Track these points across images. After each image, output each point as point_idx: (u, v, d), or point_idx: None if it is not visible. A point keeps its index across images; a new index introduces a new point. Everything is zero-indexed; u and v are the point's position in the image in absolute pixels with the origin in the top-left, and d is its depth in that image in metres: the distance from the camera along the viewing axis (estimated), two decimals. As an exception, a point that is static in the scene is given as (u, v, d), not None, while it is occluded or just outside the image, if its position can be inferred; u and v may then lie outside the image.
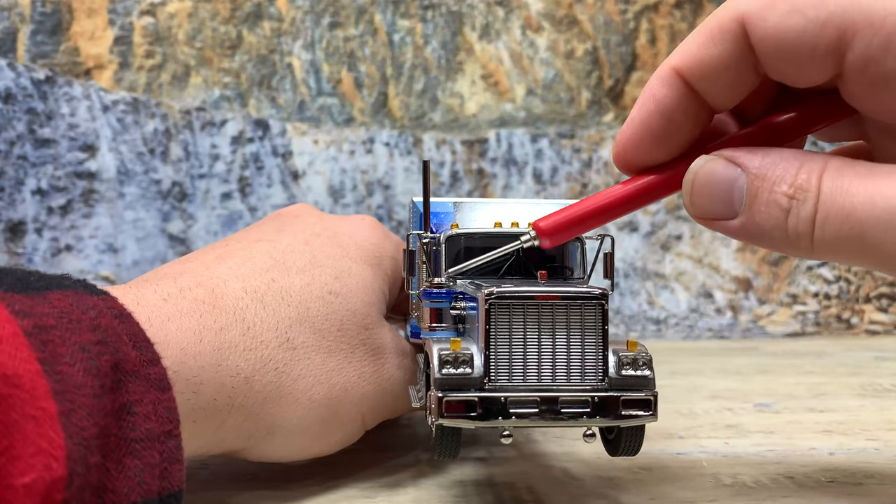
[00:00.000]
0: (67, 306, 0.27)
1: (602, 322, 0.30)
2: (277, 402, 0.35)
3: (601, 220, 0.32)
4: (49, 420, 0.24)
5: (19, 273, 0.28)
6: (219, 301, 0.34)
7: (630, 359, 0.31)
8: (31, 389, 0.24)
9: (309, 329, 0.36)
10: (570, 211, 0.32)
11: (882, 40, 0.27)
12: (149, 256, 0.78)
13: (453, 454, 0.32)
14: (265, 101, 0.79)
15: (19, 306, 0.26)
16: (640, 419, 0.30)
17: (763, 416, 0.50)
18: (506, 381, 0.30)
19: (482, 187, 0.80)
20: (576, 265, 0.36)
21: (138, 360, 0.28)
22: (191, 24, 0.78)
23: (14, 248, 0.76)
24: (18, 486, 0.23)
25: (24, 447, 0.23)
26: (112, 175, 0.77)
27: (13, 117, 0.76)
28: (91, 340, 0.26)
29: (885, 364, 0.67)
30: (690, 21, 0.81)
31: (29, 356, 0.24)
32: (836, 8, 0.28)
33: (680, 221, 0.82)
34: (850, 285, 0.82)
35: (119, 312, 0.29)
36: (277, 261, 0.38)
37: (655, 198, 0.32)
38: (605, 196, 0.32)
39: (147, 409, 0.27)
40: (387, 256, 0.41)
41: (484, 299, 0.30)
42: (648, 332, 0.81)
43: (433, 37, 0.80)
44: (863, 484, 0.38)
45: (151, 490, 0.27)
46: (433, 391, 0.30)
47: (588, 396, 0.30)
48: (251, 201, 0.79)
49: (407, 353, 0.40)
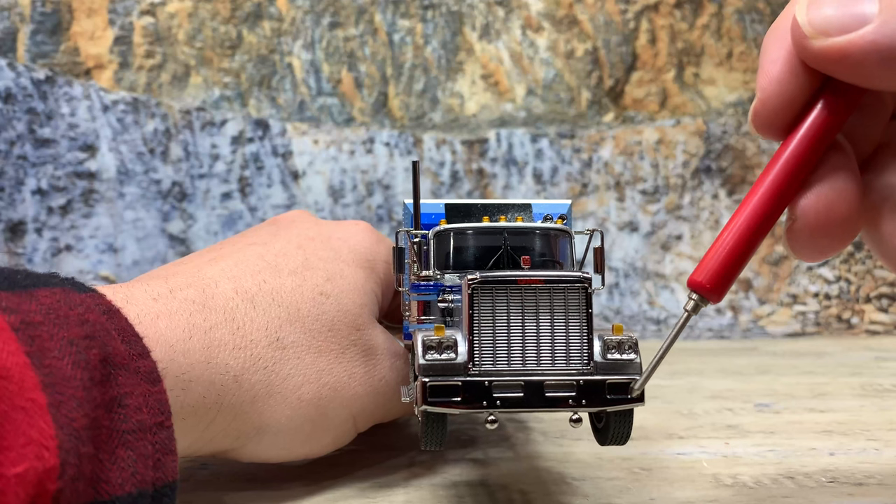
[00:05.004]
0: (55, 303, 0.27)
1: (586, 305, 0.30)
2: (266, 401, 0.35)
3: (754, 239, 0.29)
4: (39, 411, 0.24)
5: (6, 272, 0.28)
6: (209, 301, 0.34)
7: (615, 342, 0.30)
8: (20, 381, 0.24)
9: (299, 329, 0.36)
10: (717, 252, 0.29)
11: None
12: (149, 256, 0.78)
13: (440, 443, 0.31)
14: (265, 101, 0.79)
15: (6, 303, 0.26)
16: (627, 403, 0.30)
17: (763, 417, 0.50)
18: (490, 366, 0.30)
19: (482, 187, 0.80)
20: (566, 260, 0.36)
21: (127, 354, 0.28)
22: (191, 24, 0.78)
23: (14, 248, 0.76)
24: (10, 476, 0.23)
25: (15, 438, 0.23)
26: (112, 175, 0.77)
27: (13, 117, 0.76)
28: (79, 335, 0.27)
29: (886, 364, 0.67)
30: (690, 21, 0.81)
31: (17, 349, 0.24)
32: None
33: (680, 221, 0.82)
34: (851, 285, 0.82)
35: (107, 309, 0.29)
36: (269, 263, 0.38)
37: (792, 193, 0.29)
38: (746, 213, 0.29)
39: (138, 401, 0.28)
40: (380, 260, 0.41)
41: (467, 284, 0.30)
42: (648, 332, 0.81)
43: (433, 37, 0.80)
44: (863, 484, 0.38)
45: (145, 481, 0.27)
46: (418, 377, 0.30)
47: (573, 380, 0.30)
48: (251, 201, 0.79)
49: (400, 355, 0.40)
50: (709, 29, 0.82)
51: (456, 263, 0.35)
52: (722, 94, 0.82)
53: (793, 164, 0.29)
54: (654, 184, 0.81)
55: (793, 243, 0.29)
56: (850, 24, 0.26)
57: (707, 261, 0.29)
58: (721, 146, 0.81)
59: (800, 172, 0.29)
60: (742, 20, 0.82)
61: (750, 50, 0.82)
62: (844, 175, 0.29)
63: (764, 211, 0.29)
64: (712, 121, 0.82)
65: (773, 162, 0.29)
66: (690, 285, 0.29)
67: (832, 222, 0.29)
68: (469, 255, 0.35)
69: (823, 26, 0.27)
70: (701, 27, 0.82)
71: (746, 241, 0.29)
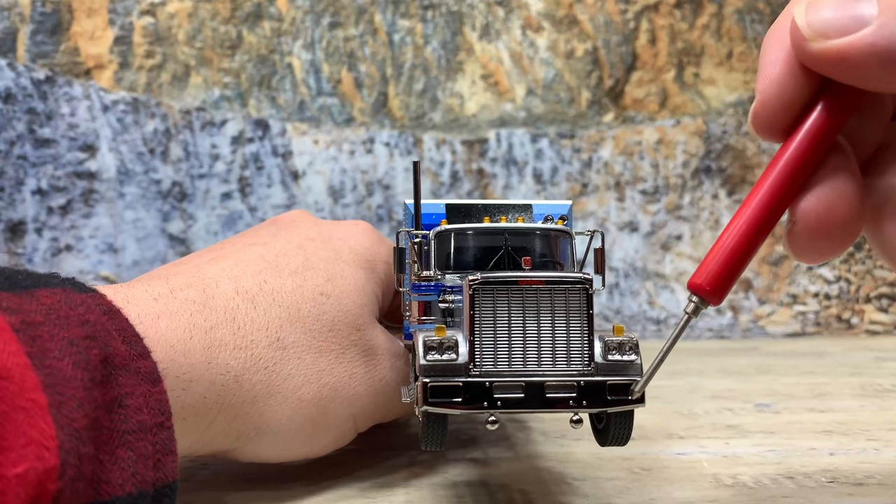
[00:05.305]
0: (55, 303, 0.27)
1: (587, 307, 0.30)
2: (267, 401, 0.35)
3: (754, 241, 0.29)
4: (40, 411, 0.24)
5: (7, 272, 0.28)
6: (209, 301, 0.34)
7: (616, 343, 0.31)
8: (21, 382, 0.24)
9: (300, 329, 0.36)
10: (717, 254, 0.29)
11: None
12: (149, 256, 0.78)
13: (440, 444, 0.31)
14: (265, 101, 0.79)
15: (7, 304, 0.26)
16: (628, 404, 0.30)
17: (763, 417, 0.50)
18: (491, 367, 0.30)
19: (482, 187, 0.80)
20: (566, 260, 0.36)
21: (128, 355, 0.28)
22: (191, 24, 0.78)
23: (14, 248, 0.76)
24: (11, 477, 0.23)
25: (16, 438, 0.23)
26: (112, 175, 0.77)
27: (13, 117, 0.76)
28: (80, 335, 0.27)
29: (886, 364, 0.67)
30: (691, 21, 0.81)
31: (17, 350, 0.24)
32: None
33: (680, 221, 0.82)
34: (851, 285, 0.82)
35: (108, 309, 0.29)
36: (270, 263, 0.38)
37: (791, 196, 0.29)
38: (746, 214, 0.29)
39: (138, 401, 0.28)
40: (380, 261, 0.41)
41: (468, 285, 0.30)
42: (648, 332, 0.81)
43: (433, 37, 0.80)
44: (863, 484, 0.38)
45: (146, 481, 0.27)
46: (419, 378, 0.30)
47: (574, 381, 0.30)
48: (251, 201, 0.79)
49: (400, 355, 0.40)
50: (709, 29, 0.82)
51: (457, 264, 0.35)
52: (722, 94, 0.82)
53: (793, 167, 0.29)
54: (654, 184, 0.81)
55: (793, 246, 0.29)
56: (848, 26, 0.26)
57: (707, 263, 0.29)
58: (721, 146, 0.82)
59: (800, 174, 0.29)
60: (742, 20, 0.82)
61: (750, 50, 0.82)
62: (845, 177, 0.29)
63: (764, 213, 0.29)
64: (712, 121, 0.82)
65: (773, 164, 0.29)
66: (690, 287, 0.29)
67: (833, 224, 0.29)
68: (470, 256, 0.35)
69: (822, 29, 0.27)
70: (701, 27, 0.82)
71: (746, 243, 0.29)
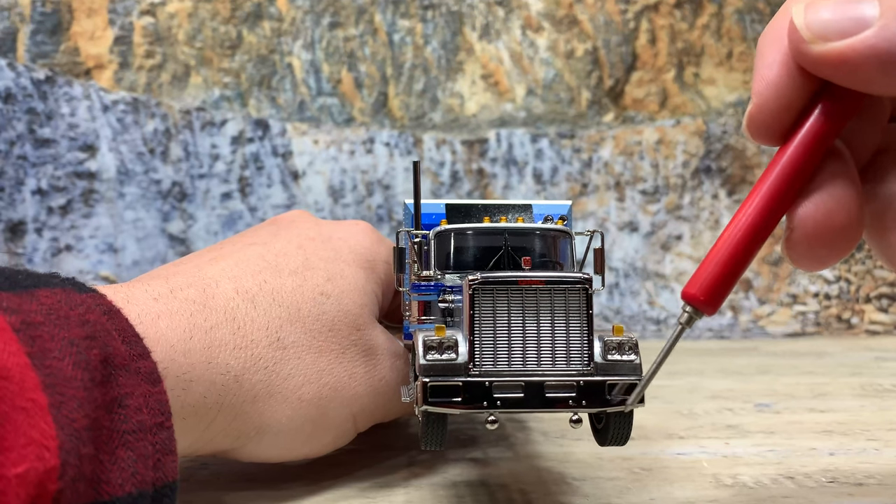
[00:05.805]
0: (55, 303, 0.27)
1: (586, 306, 0.30)
2: (267, 401, 0.35)
3: (750, 250, 0.28)
4: (40, 411, 0.24)
5: (7, 272, 0.28)
6: (210, 301, 0.34)
7: (616, 343, 0.31)
8: (21, 382, 0.24)
9: (300, 329, 0.36)
10: (712, 264, 0.28)
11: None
12: (149, 256, 0.78)
13: (440, 443, 0.31)
14: (265, 101, 0.79)
15: (7, 303, 0.26)
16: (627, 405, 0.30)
17: (763, 417, 0.50)
18: (490, 367, 0.30)
19: (482, 187, 0.80)
20: (566, 260, 0.36)
21: (128, 355, 0.28)
22: (191, 24, 0.78)
23: (14, 248, 0.76)
24: (11, 477, 0.23)
25: (16, 438, 0.23)
26: (112, 175, 0.77)
27: (13, 117, 0.76)
28: (80, 336, 0.27)
29: (886, 364, 0.67)
30: (691, 21, 0.81)
31: (18, 350, 0.24)
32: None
33: (680, 221, 0.82)
34: (851, 285, 0.82)
35: (108, 309, 0.29)
36: (270, 263, 0.38)
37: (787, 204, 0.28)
38: (742, 222, 0.28)
39: (138, 401, 0.28)
40: (380, 261, 0.41)
41: (468, 285, 0.30)
42: (648, 332, 0.81)
43: (433, 37, 0.80)
44: (863, 484, 0.38)
45: (145, 481, 0.27)
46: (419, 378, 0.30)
47: (573, 381, 0.30)
48: (251, 201, 0.79)
49: (400, 355, 0.40)
50: (709, 29, 0.82)
51: (456, 264, 0.35)
52: (722, 94, 0.82)
53: (790, 172, 0.28)
54: (654, 184, 0.81)
55: (791, 253, 0.29)
56: (849, 28, 0.26)
57: (701, 272, 0.28)
58: (721, 146, 0.82)
59: (797, 180, 0.28)
60: (742, 20, 0.82)
61: (750, 50, 0.82)
62: (843, 182, 0.28)
63: (759, 221, 0.28)
64: (712, 121, 0.82)
65: (770, 169, 0.28)
66: (684, 297, 0.28)
67: (831, 231, 0.28)
68: (470, 256, 0.35)
69: (822, 30, 0.26)
70: (701, 27, 0.82)
71: (741, 252, 0.28)
